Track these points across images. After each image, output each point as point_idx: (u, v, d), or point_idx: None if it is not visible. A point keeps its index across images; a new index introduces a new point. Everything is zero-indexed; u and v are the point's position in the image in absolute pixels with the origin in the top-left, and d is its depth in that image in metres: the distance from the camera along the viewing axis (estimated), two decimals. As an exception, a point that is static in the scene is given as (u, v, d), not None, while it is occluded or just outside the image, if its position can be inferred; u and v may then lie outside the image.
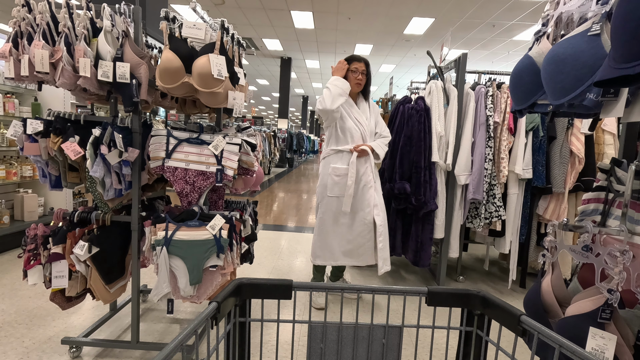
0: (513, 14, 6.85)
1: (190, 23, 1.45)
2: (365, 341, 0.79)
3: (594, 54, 0.79)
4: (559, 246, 1.03)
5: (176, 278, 1.50)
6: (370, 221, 2.22)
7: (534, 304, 1.04)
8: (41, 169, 1.56)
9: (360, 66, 2.20)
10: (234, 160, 1.56)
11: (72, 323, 1.99)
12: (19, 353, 1.70)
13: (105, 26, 1.41)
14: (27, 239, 1.50)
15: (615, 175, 1.05)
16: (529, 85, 1.00)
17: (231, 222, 1.54)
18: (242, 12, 7.72)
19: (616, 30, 0.60)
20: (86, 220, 1.57)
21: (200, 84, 1.41)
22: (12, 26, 1.40)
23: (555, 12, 1.04)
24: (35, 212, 3.33)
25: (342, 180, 2.21)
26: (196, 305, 2.29)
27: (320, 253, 2.29)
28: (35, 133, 1.44)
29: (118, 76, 1.39)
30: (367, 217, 2.22)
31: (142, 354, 1.74)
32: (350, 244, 2.23)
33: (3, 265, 2.77)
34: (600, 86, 0.67)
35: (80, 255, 1.45)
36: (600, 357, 0.83)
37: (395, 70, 12.15)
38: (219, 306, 0.67)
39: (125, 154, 1.46)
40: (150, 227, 1.50)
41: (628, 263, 0.81)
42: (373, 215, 2.22)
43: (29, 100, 3.36)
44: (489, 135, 2.54)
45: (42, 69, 1.35)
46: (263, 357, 1.74)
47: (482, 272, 3.19)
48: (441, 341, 2.00)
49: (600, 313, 0.84)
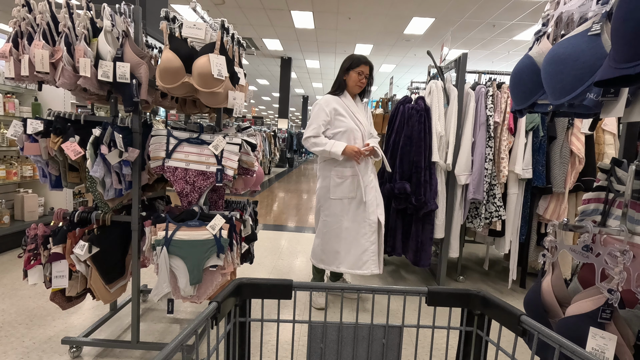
0: (513, 13, 6.85)
1: (191, 23, 1.45)
2: (365, 341, 0.79)
3: (594, 54, 0.79)
4: (559, 246, 1.03)
5: (176, 278, 1.50)
6: (374, 221, 2.21)
7: (534, 304, 1.04)
8: (41, 169, 1.56)
9: (366, 70, 2.21)
10: (234, 160, 1.56)
11: (72, 323, 1.99)
12: (19, 353, 1.70)
13: (105, 26, 1.41)
14: (27, 238, 1.50)
15: (615, 175, 1.05)
16: (529, 85, 1.00)
17: (231, 222, 1.54)
18: (242, 12, 7.72)
19: (616, 31, 0.60)
20: (86, 220, 1.57)
21: (201, 84, 1.41)
22: (12, 26, 1.40)
23: (555, 12, 1.04)
24: (35, 212, 3.33)
25: (345, 182, 2.20)
26: (196, 305, 2.29)
27: (323, 257, 2.28)
28: (35, 133, 1.44)
29: (118, 76, 1.39)
30: (371, 216, 2.21)
31: (143, 353, 1.74)
32: (355, 249, 2.21)
33: (3, 265, 2.77)
34: (601, 86, 0.67)
35: (80, 255, 1.45)
36: (601, 357, 0.83)
37: (396, 70, 12.14)
38: (219, 306, 0.66)
39: (125, 153, 1.46)
40: (151, 227, 1.50)
41: (628, 263, 0.81)
42: (377, 214, 2.22)
43: (29, 100, 3.36)
44: (489, 135, 2.54)
45: (42, 69, 1.35)
46: (263, 357, 1.74)
47: (482, 272, 3.19)
48: (441, 341, 2.00)
49: (600, 313, 0.84)
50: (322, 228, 2.27)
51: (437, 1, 6.51)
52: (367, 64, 2.20)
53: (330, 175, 2.23)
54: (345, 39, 9.19)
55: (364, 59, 2.20)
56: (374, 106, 4.64)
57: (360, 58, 2.20)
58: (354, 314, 2.27)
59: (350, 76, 2.21)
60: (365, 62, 2.19)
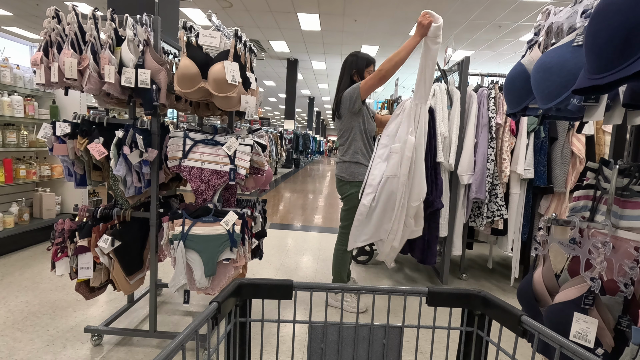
0: (519, 14, 6.88)
1: (206, 32, 1.56)
2: (366, 341, 0.79)
3: (577, 63, 0.87)
4: (549, 240, 1.11)
5: (192, 270, 1.60)
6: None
7: (526, 294, 1.12)
8: (67, 168, 1.68)
9: (372, 68, 2.27)
10: (246, 160, 1.66)
11: (91, 314, 2.10)
12: (45, 340, 1.81)
13: (127, 35, 1.52)
14: (55, 233, 1.61)
15: (603, 174, 1.13)
16: (520, 90, 1.08)
17: (243, 218, 1.63)
18: (250, 15, 7.85)
19: (588, 46, 0.68)
20: (108, 216, 1.69)
21: (216, 89, 1.51)
22: (42, 36, 1.52)
23: (546, 22, 1.12)
24: (53, 210, 3.47)
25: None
26: (209, 298, 2.40)
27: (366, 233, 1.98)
28: (63, 135, 1.55)
29: (140, 82, 1.49)
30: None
31: (159, 342, 1.85)
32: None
33: (24, 260, 2.91)
34: (578, 94, 0.75)
35: (104, 248, 1.56)
36: (583, 340, 0.90)
37: (401, 71, 12.18)
38: (220, 306, 0.66)
39: (145, 154, 1.56)
40: (168, 222, 1.60)
41: (608, 253, 0.89)
42: None
43: (48, 102, 3.50)
44: (491, 136, 2.61)
45: (71, 76, 1.46)
46: (263, 357, 1.79)
47: (485, 270, 3.26)
48: (442, 341, 2.07)
49: (583, 299, 0.92)
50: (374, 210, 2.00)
51: (442, 2, 6.57)
52: (375, 63, 2.27)
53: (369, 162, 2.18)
54: (351, 41, 9.29)
55: (372, 59, 2.27)
56: (379, 107, 4.73)
57: (369, 59, 2.26)
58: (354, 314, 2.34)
59: (365, 77, 2.20)
60: (374, 62, 2.27)
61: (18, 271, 2.68)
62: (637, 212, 1.03)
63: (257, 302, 2.27)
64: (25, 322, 1.97)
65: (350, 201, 2.25)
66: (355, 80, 2.25)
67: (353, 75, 2.25)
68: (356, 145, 2.22)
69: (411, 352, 1.88)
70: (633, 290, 0.91)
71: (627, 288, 0.90)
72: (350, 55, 2.29)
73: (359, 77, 2.25)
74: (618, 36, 0.64)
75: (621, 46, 0.64)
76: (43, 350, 1.73)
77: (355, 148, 2.22)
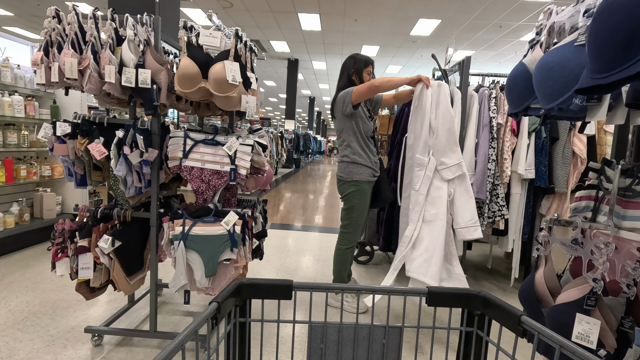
0: (520, 14, 6.87)
1: (207, 32, 1.55)
2: (366, 341, 0.79)
3: (579, 63, 0.87)
4: (551, 240, 1.10)
5: (192, 271, 1.60)
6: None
7: (528, 294, 1.12)
8: (67, 168, 1.67)
9: (371, 69, 2.30)
10: (247, 160, 1.65)
11: (92, 314, 2.10)
12: (45, 341, 1.81)
13: (128, 35, 1.51)
14: (55, 233, 1.61)
15: (605, 174, 1.12)
16: (522, 90, 1.08)
17: (244, 218, 1.63)
18: (250, 15, 7.85)
19: (590, 45, 0.67)
20: (108, 216, 1.68)
21: (216, 89, 1.51)
22: (43, 36, 1.52)
23: (548, 21, 1.12)
24: (53, 210, 3.47)
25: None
26: (209, 298, 2.39)
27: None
28: (63, 135, 1.55)
29: (140, 82, 1.49)
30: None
31: (160, 342, 1.84)
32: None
33: (25, 260, 2.91)
34: (581, 94, 0.74)
35: (104, 248, 1.56)
36: (586, 341, 0.90)
37: (402, 71, 12.19)
38: (220, 306, 0.66)
39: (145, 154, 1.56)
40: (169, 222, 1.60)
41: (611, 254, 0.88)
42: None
43: (48, 103, 3.50)
44: (492, 136, 2.60)
45: (71, 76, 1.46)
46: (263, 358, 1.78)
47: (486, 269, 3.25)
48: (442, 341, 2.06)
49: (586, 300, 0.91)
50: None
51: (443, 3, 6.56)
52: (373, 64, 2.31)
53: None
54: (351, 41, 9.28)
55: (371, 60, 2.29)
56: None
57: (368, 59, 2.29)
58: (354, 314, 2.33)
59: (364, 78, 2.27)
60: (373, 63, 2.30)
61: (19, 271, 2.68)
62: (639, 212, 1.02)
63: (257, 302, 2.27)
64: (25, 322, 1.97)
65: (349, 200, 2.25)
66: (354, 81, 2.29)
67: (351, 75, 2.28)
68: (352, 145, 2.24)
69: (411, 352, 1.88)
70: (636, 291, 0.90)
71: (630, 289, 0.89)
72: (348, 57, 2.33)
73: (357, 78, 2.28)
74: (621, 35, 0.64)
75: (624, 45, 0.63)
76: (43, 350, 1.73)
77: (352, 148, 2.24)
